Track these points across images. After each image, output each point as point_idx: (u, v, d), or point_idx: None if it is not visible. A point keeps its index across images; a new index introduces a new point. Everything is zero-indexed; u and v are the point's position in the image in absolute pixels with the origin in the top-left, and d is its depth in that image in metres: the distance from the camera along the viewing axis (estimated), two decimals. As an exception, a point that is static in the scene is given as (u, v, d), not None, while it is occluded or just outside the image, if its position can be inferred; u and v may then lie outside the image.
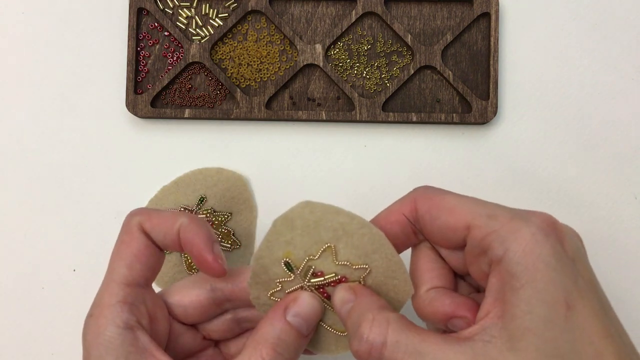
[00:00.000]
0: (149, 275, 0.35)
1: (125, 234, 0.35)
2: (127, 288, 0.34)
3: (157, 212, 0.35)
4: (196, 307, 0.36)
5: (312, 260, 0.34)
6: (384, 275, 0.34)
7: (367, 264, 0.34)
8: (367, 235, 0.33)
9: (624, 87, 0.53)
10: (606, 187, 0.52)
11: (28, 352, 0.51)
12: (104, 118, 0.53)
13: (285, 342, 0.33)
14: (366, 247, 0.33)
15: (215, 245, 0.34)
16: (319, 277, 0.34)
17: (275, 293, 0.35)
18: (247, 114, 0.52)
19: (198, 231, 0.34)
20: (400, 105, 0.53)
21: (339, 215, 0.33)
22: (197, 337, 0.37)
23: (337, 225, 0.33)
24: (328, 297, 0.35)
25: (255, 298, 0.35)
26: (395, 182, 0.52)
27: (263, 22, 0.53)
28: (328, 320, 0.35)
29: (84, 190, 0.53)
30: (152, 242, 0.35)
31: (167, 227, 0.34)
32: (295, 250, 0.34)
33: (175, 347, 0.36)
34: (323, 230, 0.33)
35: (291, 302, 0.34)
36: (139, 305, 0.34)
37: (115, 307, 0.33)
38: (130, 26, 0.52)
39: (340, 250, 0.34)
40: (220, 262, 0.34)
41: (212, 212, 0.51)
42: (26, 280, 0.52)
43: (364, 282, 0.34)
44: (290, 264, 0.34)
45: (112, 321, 0.32)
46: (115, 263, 0.34)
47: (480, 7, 0.52)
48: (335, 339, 0.36)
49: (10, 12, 0.54)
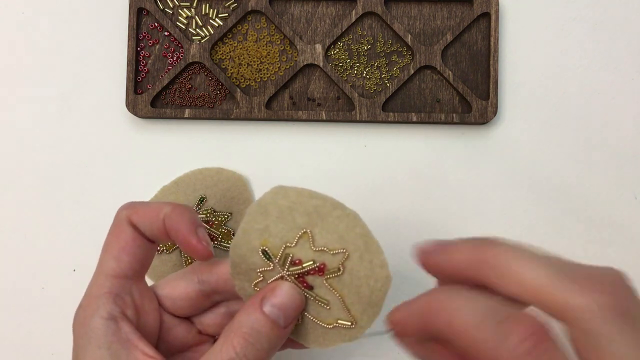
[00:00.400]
0: (137, 267, 0.35)
1: (114, 227, 0.36)
2: (114, 279, 0.34)
3: (143, 204, 0.36)
4: (184, 299, 0.36)
5: (289, 247, 0.33)
6: (363, 259, 0.33)
7: (345, 248, 0.33)
8: (341, 217, 0.32)
9: (624, 87, 0.53)
10: (606, 187, 0.52)
11: (28, 352, 0.51)
12: (104, 118, 0.53)
13: (258, 332, 0.32)
14: (341, 230, 0.32)
15: (200, 229, 0.34)
16: (297, 265, 0.33)
17: (258, 283, 0.34)
18: (247, 114, 0.52)
19: (181, 218, 0.34)
20: (400, 105, 0.53)
21: (312, 198, 0.32)
22: (191, 330, 0.37)
23: (311, 209, 0.32)
24: (309, 287, 0.34)
25: (240, 289, 0.35)
26: (395, 182, 0.52)
27: (263, 22, 0.53)
28: (312, 312, 0.34)
29: (84, 190, 0.53)
30: (141, 234, 0.35)
31: (152, 217, 0.35)
32: (272, 238, 0.33)
33: (167, 340, 0.36)
34: (297, 215, 0.33)
35: (268, 292, 0.33)
36: (125, 297, 0.34)
37: (100, 299, 0.33)
38: (130, 26, 0.52)
39: (316, 235, 0.33)
40: (204, 244, 0.34)
41: (212, 212, 0.51)
42: (26, 280, 0.52)
43: (343, 268, 0.33)
44: (267, 252, 0.33)
45: (96, 312, 0.33)
46: (104, 256, 0.35)
47: (480, 7, 0.52)
48: (322, 331, 0.34)
49: (10, 12, 0.54)
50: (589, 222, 0.52)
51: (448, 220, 0.52)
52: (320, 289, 0.34)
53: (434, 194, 0.52)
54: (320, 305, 0.34)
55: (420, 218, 0.52)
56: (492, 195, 0.52)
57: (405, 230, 0.52)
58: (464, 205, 0.52)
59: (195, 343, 0.38)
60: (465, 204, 0.52)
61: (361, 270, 0.33)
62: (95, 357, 0.32)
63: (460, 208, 0.52)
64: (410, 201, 0.52)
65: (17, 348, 0.51)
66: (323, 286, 0.34)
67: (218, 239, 0.51)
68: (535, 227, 0.52)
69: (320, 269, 0.33)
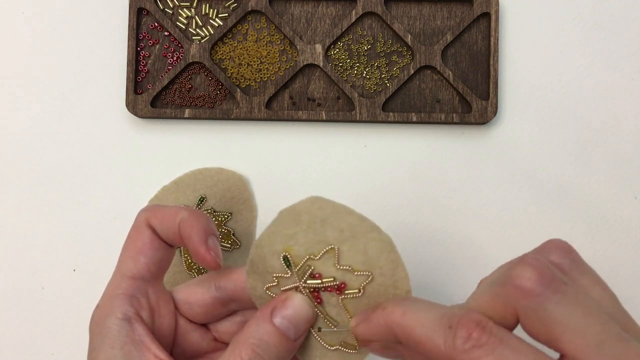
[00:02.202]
0: (154, 270, 0.35)
1: (133, 229, 0.36)
2: (130, 280, 0.34)
3: (161, 208, 0.36)
4: (201, 305, 0.36)
5: (312, 260, 0.32)
6: (386, 285, 0.32)
7: (370, 271, 0.32)
8: (375, 240, 0.31)
9: (624, 87, 0.53)
10: (606, 187, 0.52)
11: (28, 352, 0.51)
12: (104, 118, 0.53)
13: (267, 343, 0.32)
14: (372, 253, 0.31)
15: (211, 239, 0.34)
16: (317, 279, 0.32)
17: (271, 287, 0.33)
18: (247, 114, 0.52)
19: (195, 224, 0.34)
20: (400, 105, 0.53)
21: (350, 215, 0.31)
22: (206, 337, 0.37)
23: (345, 225, 0.31)
24: (321, 302, 0.33)
25: (251, 288, 0.34)
26: (395, 182, 0.52)
27: (263, 22, 0.53)
28: (317, 329, 0.34)
29: (84, 190, 0.53)
30: (158, 237, 0.35)
31: (169, 221, 0.35)
32: (297, 246, 0.32)
33: (182, 344, 0.36)
34: (329, 229, 0.32)
35: (280, 304, 0.33)
36: (140, 298, 0.34)
37: (116, 299, 0.34)
38: (130, 26, 0.52)
39: (344, 252, 0.32)
40: (212, 255, 0.34)
41: (212, 212, 0.51)
42: (26, 280, 0.52)
43: (363, 290, 0.32)
44: (289, 259, 0.32)
45: (112, 312, 0.33)
46: (122, 256, 0.35)
47: (480, 7, 0.52)
48: (323, 351, 0.34)
49: (10, 12, 0.54)
50: (589, 222, 0.52)
51: (448, 220, 0.52)
52: (332, 308, 0.33)
53: (434, 194, 0.52)
54: (327, 324, 0.33)
55: (420, 218, 0.52)
56: (492, 195, 0.52)
57: (405, 231, 0.52)
58: (464, 205, 0.52)
59: (210, 350, 0.37)
60: (465, 204, 0.52)
61: (381, 295, 0.32)
62: (107, 356, 0.32)
63: (460, 208, 0.52)
64: (410, 201, 0.52)
65: (17, 348, 0.51)
66: (337, 305, 0.33)
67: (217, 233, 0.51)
68: (535, 227, 0.52)
69: (340, 288, 0.32)
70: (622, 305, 0.28)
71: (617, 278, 0.51)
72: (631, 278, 0.51)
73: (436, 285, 0.51)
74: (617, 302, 0.27)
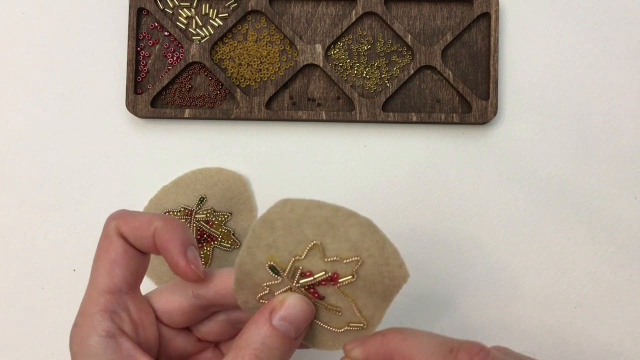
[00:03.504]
0: (131, 280, 0.34)
1: (104, 239, 0.34)
2: (108, 295, 0.33)
3: (133, 215, 0.34)
4: (180, 313, 0.35)
5: (298, 260, 0.32)
6: (377, 264, 0.32)
7: (359, 255, 0.32)
8: (355, 226, 0.31)
9: (624, 87, 0.53)
10: (606, 187, 0.52)
11: (28, 352, 0.51)
12: (104, 118, 0.53)
13: (269, 347, 0.31)
14: (355, 238, 0.31)
15: (190, 250, 0.33)
16: (308, 277, 0.32)
17: (264, 296, 0.33)
18: (247, 114, 0.52)
19: (171, 235, 0.33)
20: (400, 105, 0.53)
21: (322, 209, 0.31)
22: (190, 339, 0.37)
23: (321, 219, 0.31)
24: (320, 297, 0.33)
25: (243, 302, 0.34)
26: (395, 182, 0.52)
27: (263, 22, 0.53)
28: (323, 318, 0.34)
29: (84, 190, 0.53)
30: (131, 246, 0.34)
31: (142, 230, 0.33)
32: (279, 253, 0.32)
33: (167, 351, 0.36)
34: (307, 227, 0.32)
35: (277, 305, 0.32)
36: (121, 313, 0.33)
37: (96, 316, 0.32)
38: (130, 26, 0.52)
39: (327, 245, 0.32)
40: (193, 268, 0.33)
41: (212, 212, 0.51)
42: (26, 280, 0.52)
43: (356, 275, 0.32)
44: (275, 267, 0.32)
45: (94, 330, 0.32)
46: (95, 270, 0.34)
47: (480, 7, 0.52)
48: (332, 335, 0.34)
49: (10, 12, 0.54)
50: (589, 222, 0.52)
51: (448, 220, 0.52)
52: (332, 297, 0.33)
53: (434, 194, 0.52)
54: (331, 312, 0.34)
55: (420, 218, 0.52)
56: (492, 195, 0.52)
57: (405, 231, 0.52)
58: (464, 205, 0.52)
59: (196, 351, 0.37)
60: (465, 204, 0.52)
61: (376, 274, 0.32)
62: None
63: (460, 208, 0.52)
64: (410, 201, 0.52)
65: (17, 348, 0.51)
66: (335, 294, 0.33)
67: (218, 239, 0.51)
68: (535, 227, 0.52)
69: (333, 279, 0.32)
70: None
71: (617, 278, 0.51)
72: (631, 278, 0.51)
73: (436, 285, 0.51)
74: None
